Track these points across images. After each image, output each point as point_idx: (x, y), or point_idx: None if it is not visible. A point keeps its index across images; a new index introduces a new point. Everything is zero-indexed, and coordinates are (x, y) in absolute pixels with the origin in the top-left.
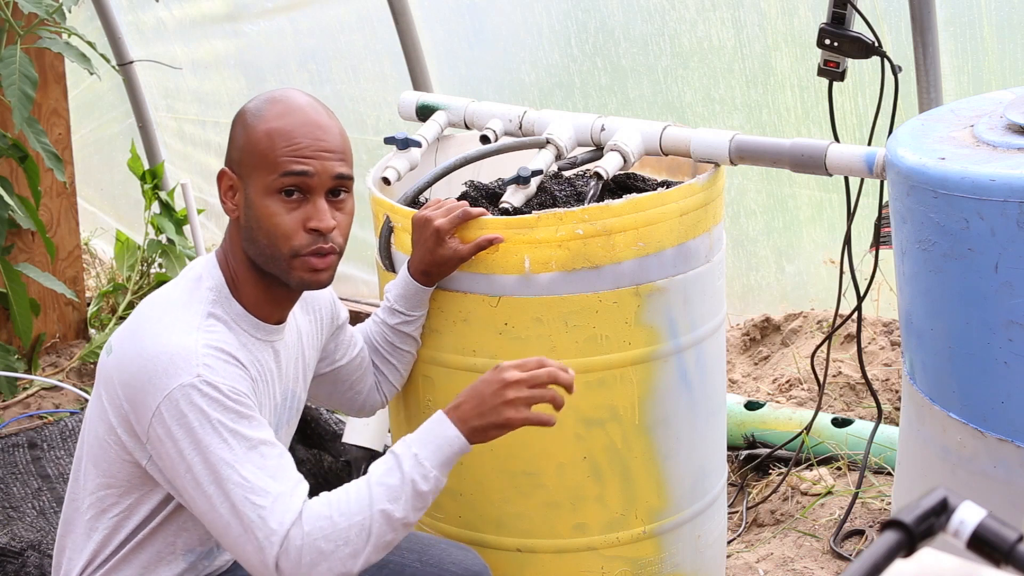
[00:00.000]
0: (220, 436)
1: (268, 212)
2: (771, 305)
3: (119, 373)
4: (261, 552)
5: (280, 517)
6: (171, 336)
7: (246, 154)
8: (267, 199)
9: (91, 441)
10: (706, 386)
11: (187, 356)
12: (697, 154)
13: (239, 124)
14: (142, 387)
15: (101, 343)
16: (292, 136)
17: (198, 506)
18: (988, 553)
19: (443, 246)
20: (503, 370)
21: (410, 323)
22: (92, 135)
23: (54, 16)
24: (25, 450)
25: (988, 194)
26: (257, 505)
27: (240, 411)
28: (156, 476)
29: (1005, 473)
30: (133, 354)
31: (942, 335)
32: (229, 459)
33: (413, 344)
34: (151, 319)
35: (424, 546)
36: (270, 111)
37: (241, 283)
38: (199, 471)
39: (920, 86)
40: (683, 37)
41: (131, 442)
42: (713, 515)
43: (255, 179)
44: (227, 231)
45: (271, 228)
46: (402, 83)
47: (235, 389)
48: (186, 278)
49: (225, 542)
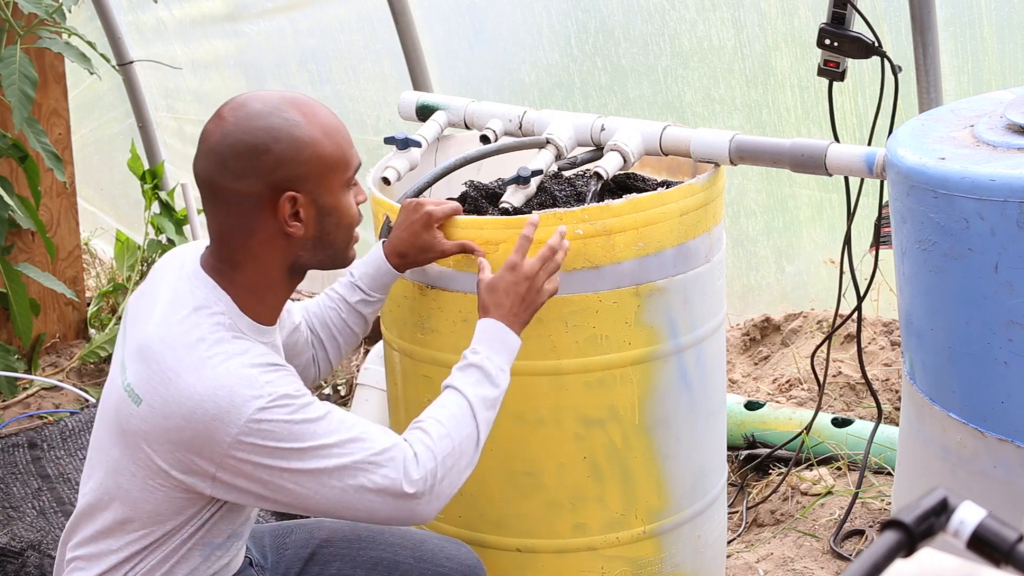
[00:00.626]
0: (308, 430)
1: (348, 206)
2: (771, 305)
3: (165, 421)
4: (387, 499)
5: (393, 456)
6: (216, 369)
7: (312, 166)
8: (345, 196)
9: (124, 488)
10: (706, 386)
11: (247, 382)
12: (697, 154)
13: (284, 143)
14: (206, 427)
15: (101, 343)
16: (341, 133)
17: (307, 496)
18: (988, 553)
19: (429, 232)
20: (519, 266)
21: (368, 304)
22: (92, 135)
23: (54, 16)
24: (25, 450)
25: (988, 194)
26: (368, 460)
27: (309, 402)
28: (223, 496)
29: (1005, 473)
30: (179, 399)
31: (942, 335)
32: (323, 441)
33: (363, 326)
34: (182, 359)
35: (417, 542)
36: (307, 120)
37: (247, 295)
38: (301, 466)
39: (920, 86)
40: (683, 37)
41: (189, 479)
42: (713, 515)
43: (330, 184)
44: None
45: (351, 219)
46: (402, 83)
47: (297, 388)
48: (189, 309)
49: (345, 512)
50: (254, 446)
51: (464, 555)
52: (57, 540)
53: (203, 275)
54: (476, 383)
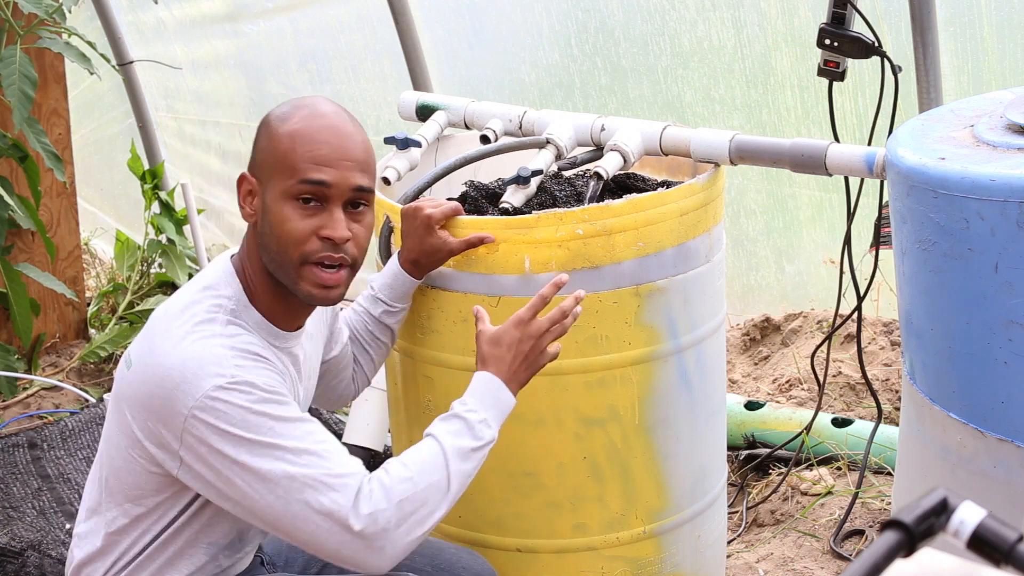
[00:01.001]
0: (266, 426)
1: (282, 217)
2: (771, 305)
3: (142, 386)
4: (332, 524)
5: (347, 483)
6: (195, 343)
7: (267, 157)
8: (283, 204)
9: (113, 454)
10: (706, 386)
11: (216, 360)
12: (697, 154)
13: (263, 128)
14: (169, 395)
15: (101, 343)
16: (314, 142)
17: (251, 498)
18: (988, 553)
19: (433, 235)
20: (527, 324)
21: (392, 314)
22: (92, 135)
23: (54, 16)
24: (25, 450)
25: (988, 194)
26: (321, 478)
27: (280, 400)
28: (190, 483)
29: (1005, 473)
30: (155, 364)
31: (942, 335)
32: (280, 443)
33: (391, 336)
34: (171, 329)
35: (435, 550)
36: (295, 116)
37: (259, 291)
38: (250, 462)
39: (920, 86)
40: (683, 37)
41: (160, 453)
42: (713, 515)
43: (273, 183)
44: (245, 237)
45: (283, 233)
46: (402, 83)
47: (270, 384)
48: (200, 286)
49: (288, 528)
50: (207, 424)
51: (480, 565)
52: (57, 540)
53: (227, 264)
54: (455, 433)
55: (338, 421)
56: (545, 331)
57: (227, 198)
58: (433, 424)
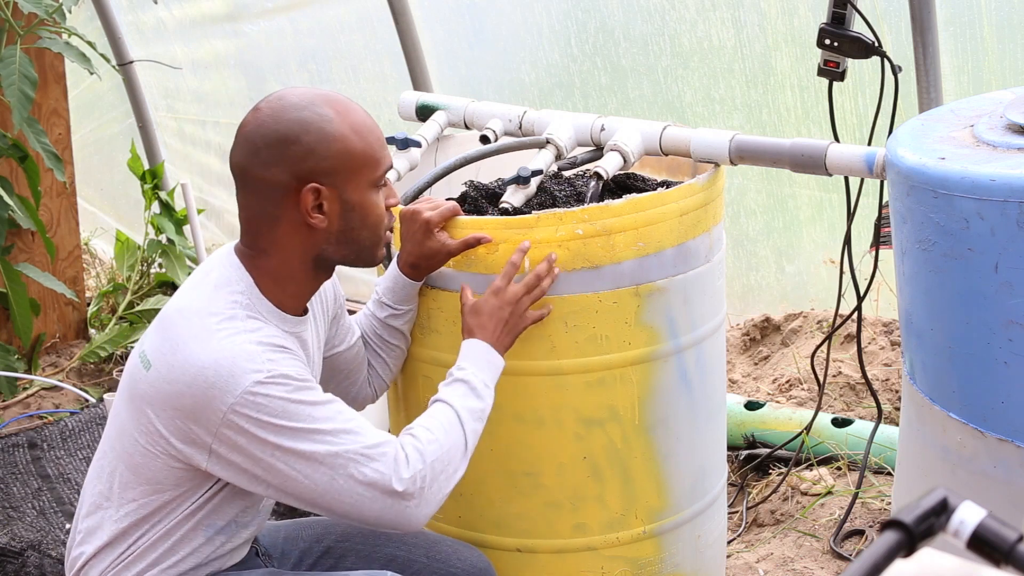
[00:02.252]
0: (305, 412)
1: (373, 205)
2: (771, 305)
3: (169, 386)
4: (376, 493)
5: (385, 452)
6: (223, 343)
7: (340, 161)
8: (371, 194)
9: (128, 451)
10: (706, 386)
11: (249, 356)
12: (697, 154)
13: (313, 135)
14: (204, 394)
15: (101, 343)
16: (373, 133)
17: (295, 480)
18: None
19: (431, 238)
20: (503, 291)
21: (398, 317)
22: (92, 135)
23: (54, 16)
24: (25, 450)
25: (988, 194)
26: (361, 451)
27: (311, 387)
28: (218, 473)
29: (1005, 473)
30: (183, 365)
31: (942, 335)
32: (319, 427)
33: (402, 339)
34: (194, 331)
35: (431, 543)
36: (339, 117)
37: (267, 281)
38: (294, 447)
39: (920, 86)
40: (683, 37)
41: (188, 449)
42: (713, 515)
43: (356, 181)
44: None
45: (377, 219)
46: (402, 83)
47: (300, 373)
48: (212, 284)
49: (332, 504)
50: (248, 418)
51: (476, 558)
52: (57, 540)
53: (233, 258)
54: (463, 395)
55: None
56: (522, 295)
57: (227, 198)
58: (440, 391)
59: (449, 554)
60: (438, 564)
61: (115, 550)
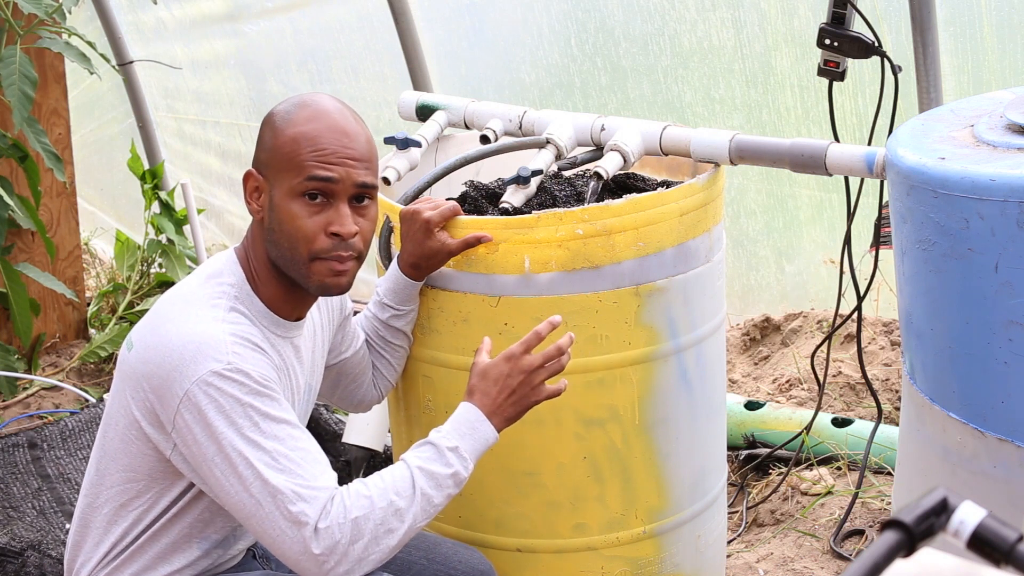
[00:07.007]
0: (251, 420)
1: (291, 214)
2: (771, 305)
3: (142, 366)
4: (298, 533)
5: (317, 496)
6: (196, 326)
7: (273, 156)
8: (291, 202)
9: (112, 436)
10: (706, 386)
11: (215, 344)
12: (697, 154)
13: (267, 126)
14: (168, 375)
15: (101, 343)
16: (319, 141)
17: (227, 490)
18: (988, 553)
19: (432, 238)
20: (518, 359)
21: (400, 317)
22: (92, 135)
23: (54, 16)
24: (25, 450)
25: (988, 194)
26: (294, 486)
27: (270, 395)
28: (180, 466)
29: (1005, 473)
30: (157, 345)
31: (942, 335)
32: (262, 442)
33: (405, 339)
34: (173, 313)
35: (431, 545)
36: (299, 115)
37: (262, 281)
38: (231, 454)
39: (920, 86)
40: (683, 37)
41: (156, 434)
42: (713, 515)
43: (280, 181)
44: (249, 231)
45: (293, 231)
46: (402, 83)
47: (264, 376)
48: (205, 275)
49: (255, 525)
50: (197, 408)
51: (477, 560)
52: (57, 540)
53: (231, 253)
54: (425, 459)
55: (338, 421)
56: (537, 367)
57: (227, 198)
58: (408, 450)
59: (449, 556)
60: (438, 566)
61: (101, 546)
